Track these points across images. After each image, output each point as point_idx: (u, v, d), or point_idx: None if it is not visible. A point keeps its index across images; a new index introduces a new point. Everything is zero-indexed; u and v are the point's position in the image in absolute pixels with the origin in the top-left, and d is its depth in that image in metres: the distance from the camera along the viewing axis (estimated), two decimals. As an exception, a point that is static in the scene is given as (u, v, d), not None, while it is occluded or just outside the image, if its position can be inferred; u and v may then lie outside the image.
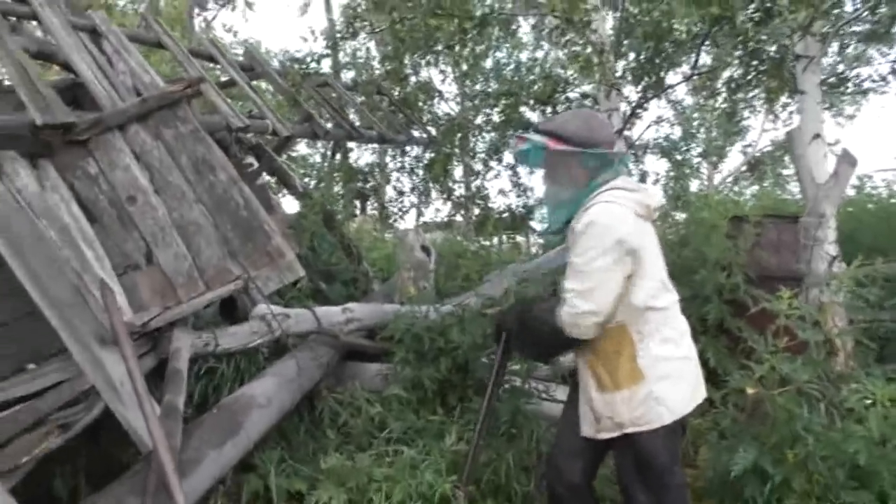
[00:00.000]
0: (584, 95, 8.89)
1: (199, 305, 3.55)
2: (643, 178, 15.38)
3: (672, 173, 18.38)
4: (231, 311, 3.90)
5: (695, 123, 18.39)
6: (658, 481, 2.44)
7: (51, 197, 3.38)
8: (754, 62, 6.14)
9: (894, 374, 3.65)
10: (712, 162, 19.00)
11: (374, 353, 4.80)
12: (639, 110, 6.60)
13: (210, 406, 3.53)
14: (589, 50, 6.40)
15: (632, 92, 7.24)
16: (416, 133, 9.80)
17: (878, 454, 2.97)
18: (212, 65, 6.48)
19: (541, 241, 2.84)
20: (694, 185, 18.26)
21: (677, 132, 17.89)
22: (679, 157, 18.76)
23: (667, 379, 2.43)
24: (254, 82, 7.14)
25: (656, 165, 28.92)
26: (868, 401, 3.12)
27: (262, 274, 3.64)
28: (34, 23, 5.00)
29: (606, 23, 7.62)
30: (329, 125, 7.04)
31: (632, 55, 7.20)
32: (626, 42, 7.03)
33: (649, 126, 10.50)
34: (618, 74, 7.17)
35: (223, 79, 6.97)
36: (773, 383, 3.16)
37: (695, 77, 6.99)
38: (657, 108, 15.79)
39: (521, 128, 11.15)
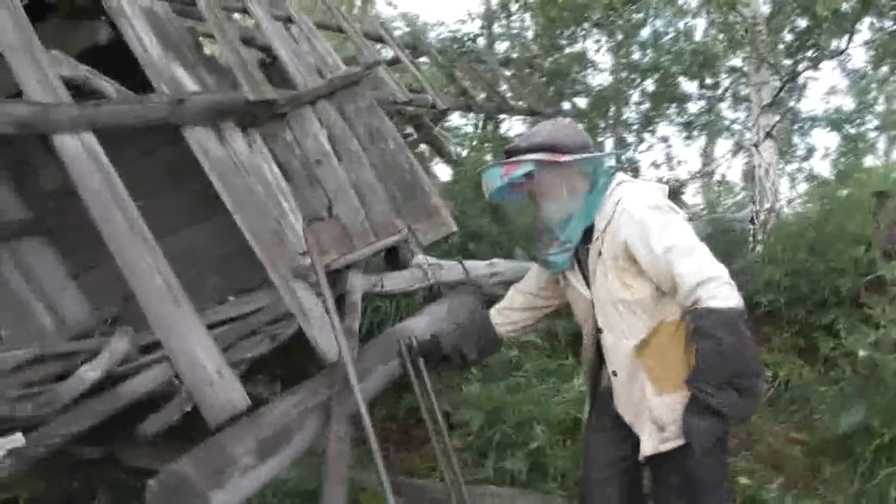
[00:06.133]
0: (734, 69, 8.75)
1: (369, 253, 4.24)
2: (810, 152, 14.63)
3: (842, 148, 17.16)
4: (394, 259, 4.58)
5: (871, 95, 17.05)
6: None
7: (256, 159, 4.17)
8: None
9: None
10: (891, 136, 17.55)
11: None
12: (790, 83, 6.54)
13: (376, 336, 4.25)
14: (738, 23, 6.44)
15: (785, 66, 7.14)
16: (565, 106, 10.13)
17: None
18: (379, 45, 7.23)
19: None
20: (868, 161, 16.94)
21: (849, 104, 16.65)
22: (851, 131, 17.42)
23: None
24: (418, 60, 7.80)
25: (826, 139, 26.94)
26: None
27: (420, 228, 4.24)
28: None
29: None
30: (482, 97, 7.59)
31: (787, 29, 7.09)
32: (780, 16, 6.92)
33: (795, 99, 9.89)
34: (775, 49, 7.11)
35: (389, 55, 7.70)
36: (888, 347, 3.34)
37: (848, 52, 6.77)
38: (830, 78, 14.82)
39: (674, 101, 11.02)
